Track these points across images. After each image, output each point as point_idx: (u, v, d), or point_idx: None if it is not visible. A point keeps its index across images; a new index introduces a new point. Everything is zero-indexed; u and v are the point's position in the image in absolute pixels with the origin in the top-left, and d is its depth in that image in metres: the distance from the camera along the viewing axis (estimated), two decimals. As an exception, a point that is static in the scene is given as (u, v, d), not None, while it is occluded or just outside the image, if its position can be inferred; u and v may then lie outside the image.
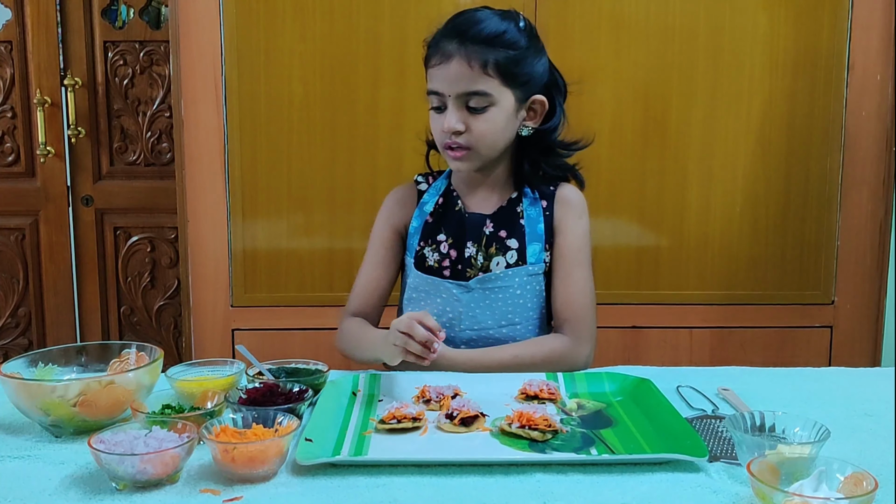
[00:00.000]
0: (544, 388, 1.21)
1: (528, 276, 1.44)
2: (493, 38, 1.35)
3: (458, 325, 1.44)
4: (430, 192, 1.51)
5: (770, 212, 2.14)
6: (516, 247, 1.44)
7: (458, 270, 1.45)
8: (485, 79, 1.35)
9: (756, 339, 2.18)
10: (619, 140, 2.11)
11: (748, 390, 1.25)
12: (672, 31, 2.08)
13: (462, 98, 1.37)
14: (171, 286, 2.74)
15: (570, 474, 0.96)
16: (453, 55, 1.35)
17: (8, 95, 2.65)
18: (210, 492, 0.92)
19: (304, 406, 1.12)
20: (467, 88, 1.36)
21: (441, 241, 1.47)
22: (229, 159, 2.11)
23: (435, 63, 1.38)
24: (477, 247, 1.45)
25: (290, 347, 2.09)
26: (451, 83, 1.36)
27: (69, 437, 1.08)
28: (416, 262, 1.48)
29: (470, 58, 1.34)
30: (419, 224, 1.49)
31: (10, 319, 2.75)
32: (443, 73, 1.37)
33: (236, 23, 2.06)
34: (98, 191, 2.71)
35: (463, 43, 1.35)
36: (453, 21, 1.40)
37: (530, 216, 1.46)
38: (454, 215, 1.48)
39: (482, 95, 1.36)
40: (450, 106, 1.37)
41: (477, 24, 1.36)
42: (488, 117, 1.38)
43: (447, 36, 1.37)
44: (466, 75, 1.35)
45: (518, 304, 1.44)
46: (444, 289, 1.44)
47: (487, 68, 1.35)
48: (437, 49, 1.38)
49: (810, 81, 2.11)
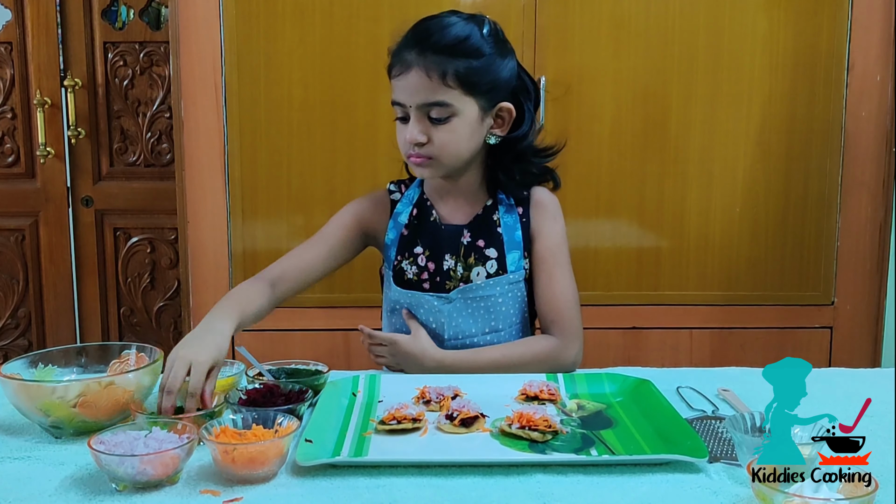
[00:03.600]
0: (544, 388, 1.21)
1: (509, 285, 1.43)
2: (452, 47, 1.31)
3: (442, 335, 1.42)
4: (403, 202, 1.49)
5: (770, 212, 2.14)
6: (495, 256, 1.42)
7: (437, 283, 1.44)
8: (444, 89, 1.32)
9: (756, 339, 2.18)
10: (619, 141, 2.11)
11: (748, 391, 1.25)
12: (672, 33, 2.08)
13: (423, 109, 1.34)
14: (171, 287, 2.75)
15: (570, 475, 0.96)
16: (412, 65, 1.32)
17: (8, 96, 2.66)
18: (210, 493, 0.92)
19: (304, 407, 1.12)
20: (427, 99, 1.33)
21: (418, 254, 1.45)
22: (229, 160, 2.11)
23: (396, 73, 1.35)
24: (455, 258, 1.43)
25: (290, 348, 2.09)
26: (410, 94, 1.33)
27: (69, 437, 1.08)
28: (395, 276, 1.46)
29: (429, 68, 1.31)
30: (395, 236, 1.47)
31: (9, 320, 2.75)
32: (403, 84, 1.34)
33: (236, 24, 2.06)
34: (98, 192, 2.71)
35: (422, 52, 1.32)
36: (414, 29, 1.36)
37: (507, 224, 1.44)
38: (429, 227, 1.46)
39: (443, 106, 1.33)
40: (411, 117, 1.35)
41: (437, 33, 1.32)
42: (450, 128, 1.35)
43: (407, 45, 1.34)
44: (426, 86, 1.32)
45: (500, 311, 1.43)
46: (425, 301, 1.42)
47: (447, 78, 1.31)
48: (398, 58, 1.35)
49: (810, 82, 2.11)
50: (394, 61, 1.36)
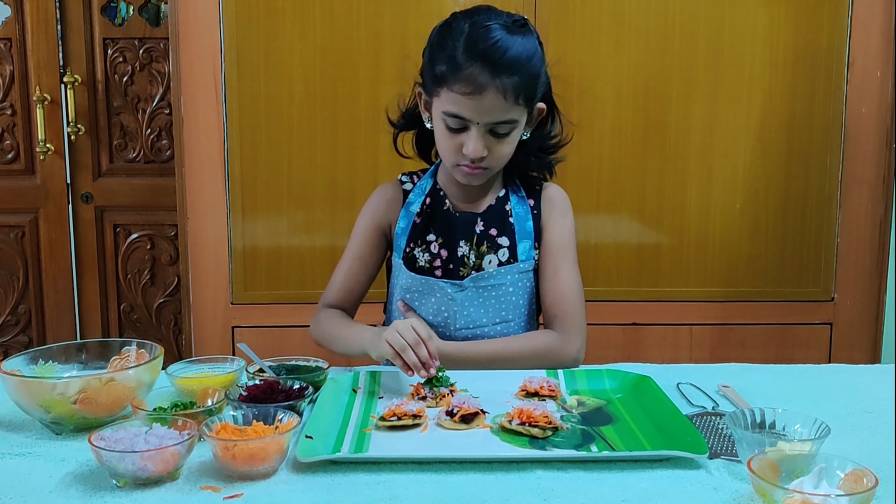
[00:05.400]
0: (545, 385, 1.21)
1: (519, 274, 1.45)
2: (523, 66, 1.30)
3: (454, 323, 1.43)
4: (416, 192, 1.50)
5: (770, 209, 2.14)
6: (507, 245, 1.45)
7: (450, 270, 1.45)
8: (515, 108, 1.32)
9: (756, 335, 2.18)
10: (620, 138, 2.11)
11: (748, 387, 1.25)
12: (672, 30, 2.08)
13: (489, 125, 1.33)
14: (171, 283, 2.74)
15: (571, 471, 0.96)
16: (486, 87, 1.29)
17: (7, 93, 2.65)
18: (210, 489, 0.92)
19: (304, 403, 1.12)
20: (499, 118, 1.32)
21: (431, 242, 1.46)
22: (229, 156, 2.11)
23: (463, 91, 1.30)
24: (469, 245, 1.45)
25: (290, 344, 2.08)
26: (482, 113, 1.31)
27: (69, 434, 1.08)
28: (406, 262, 1.47)
29: (505, 90, 1.29)
30: (406, 225, 1.48)
31: (10, 317, 2.75)
32: (474, 104, 1.30)
33: (236, 20, 2.06)
34: (98, 188, 2.70)
35: (497, 74, 1.28)
36: (475, 44, 1.29)
37: (518, 214, 1.46)
38: (443, 215, 1.47)
39: (510, 123, 1.34)
40: (475, 132, 1.33)
41: (506, 52, 1.29)
42: (510, 140, 1.36)
43: (476, 64, 1.29)
44: (500, 107, 1.31)
45: (511, 301, 1.44)
46: (438, 288, 1.44)
47: (519, 98, 1.31)
48: (462, 76, 1.29)
49: (810, 79, 2.11)
50: (457, 76, 1.30)
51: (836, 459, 0.87)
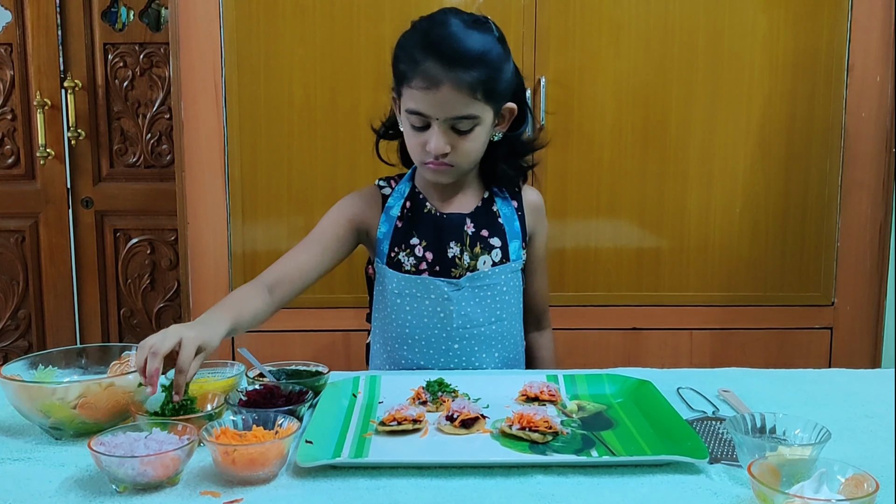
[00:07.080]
0: (545, 389, 1.21)
1: (511, 273, 1.48)
2: (478, 60, 1.30)
3: (451, 322, 1.44)
4: (395, 196, 1.49)
5: (770, 213, 2.14)
6: (499, 245, 1.47)
7: (437, 272, 1.45)
8: (473, 103, 1.32)
9: (756, 340, 2.18)
10: (620, 141, 2.11)
11: (748, 392, 1.25)
12: (672, 33, 2.08)
13: (450, 121, 1.33)
14: (171, 288, 2.74)
15: (571, 476, 0.96)
16: (442, 81, 1.29)
17: (8, 97, 2.66)
18: (210, 494, 0.92)
19: (304, 408, 1.12)
20: (458, 113, 1.32)
21: (415, 245, 1.46)
22: (229, 161, 2.11)
23: (420, 86, 1.31)
24: (461, 246, 1.46)
25: (291, 349, 2.08)
26: (440, 108, 1.32)
27: (69, 439, 1.08)
28: (391, 267, 1.46)
29: (460, 84, 1.29)
30: (388, 229, 1.47)
31: (10, 321, 2.75)
32: (431, 99, 1.31)
33: (236, 24, 2.06)
34: (98, 193, 2.71)
35: (451, 68, 1.29)
36: (430, 40, 1.31)
37: (506, 214, 1.49)
38: (425, 217, 1.47)
39: (471, 118, 1.34)
40: (436, 129, 1.34)
41: (460, 45, 1.29)
42: (473, 136, 1.36)
43: (431, 58, 1.30)
44: (457, 101, 1.31)
45: (504, 299, 1.47)
46: (435, 287, 1.44)
47: (476, 93, 1.31)
48: (419, 71, 1.31)
49: (810, 82, 2.11)
50: (415, 72, 1.32)
51: (837, 464, 0.87)
